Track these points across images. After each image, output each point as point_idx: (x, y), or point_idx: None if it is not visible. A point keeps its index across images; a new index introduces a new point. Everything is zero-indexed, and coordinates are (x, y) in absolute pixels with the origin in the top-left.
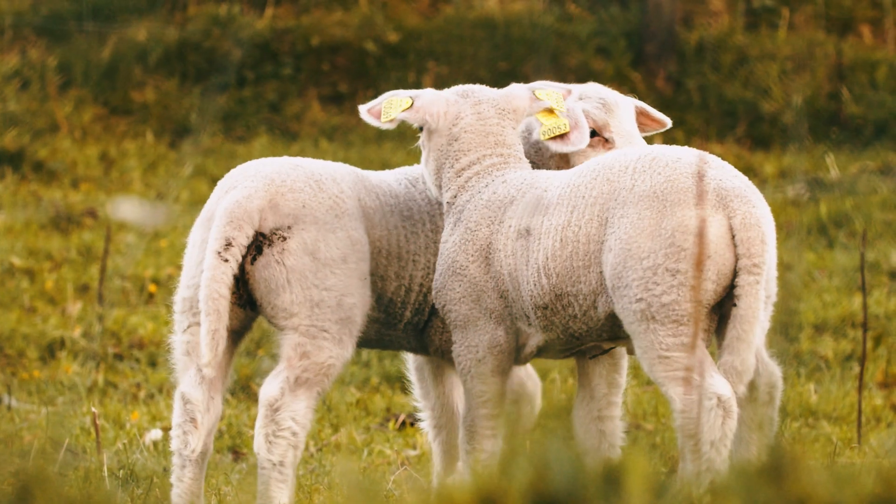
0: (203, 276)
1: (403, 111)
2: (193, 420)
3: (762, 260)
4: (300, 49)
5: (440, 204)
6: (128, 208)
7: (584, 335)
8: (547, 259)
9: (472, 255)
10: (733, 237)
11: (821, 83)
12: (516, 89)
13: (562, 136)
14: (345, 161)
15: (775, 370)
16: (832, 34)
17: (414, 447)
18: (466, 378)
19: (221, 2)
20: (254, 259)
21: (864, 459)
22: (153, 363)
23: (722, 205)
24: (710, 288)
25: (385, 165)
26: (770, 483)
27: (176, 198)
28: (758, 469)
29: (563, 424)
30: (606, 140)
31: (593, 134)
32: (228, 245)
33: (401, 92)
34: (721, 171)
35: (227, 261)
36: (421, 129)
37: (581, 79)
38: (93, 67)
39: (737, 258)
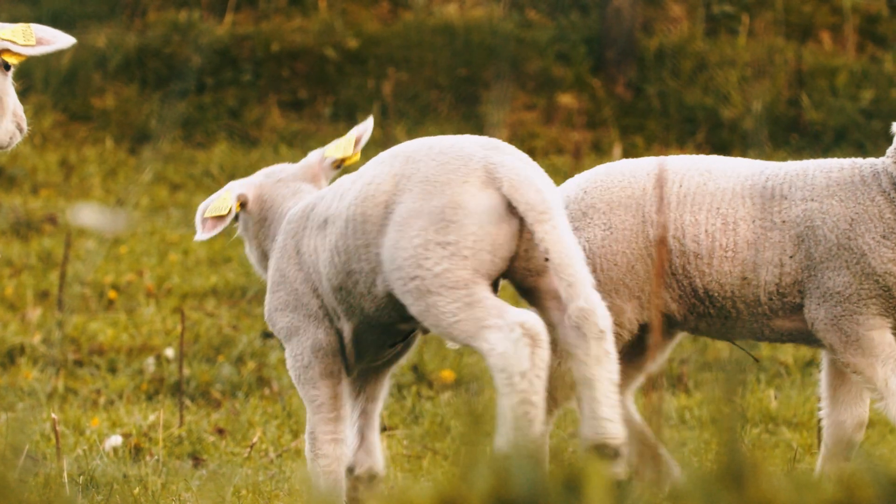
0: None
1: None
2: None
3: (546, 206)
4: (260, 55)
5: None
6: (88, 214)
7: (376, 315)
8: (337, 238)
9: (286, 259)
10: (510, 207)
11: (780, 89)
12: (311, 158)
13: None
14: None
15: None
16: (792, 40)
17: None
18: (299, 387)
19: (181, 8)
20: None
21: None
22: (113, 369)
23: (489, 179)
24: (487, 258)
25: (344, 172)
26: (730, 489)
27: (136, 204)
28: (718, 475)
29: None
30: None
31: None
32: None
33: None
34: (494, 153)
35: None
36: (236, 218)
37: (541, 85)
38: (52, 74)
39: (522, 222)
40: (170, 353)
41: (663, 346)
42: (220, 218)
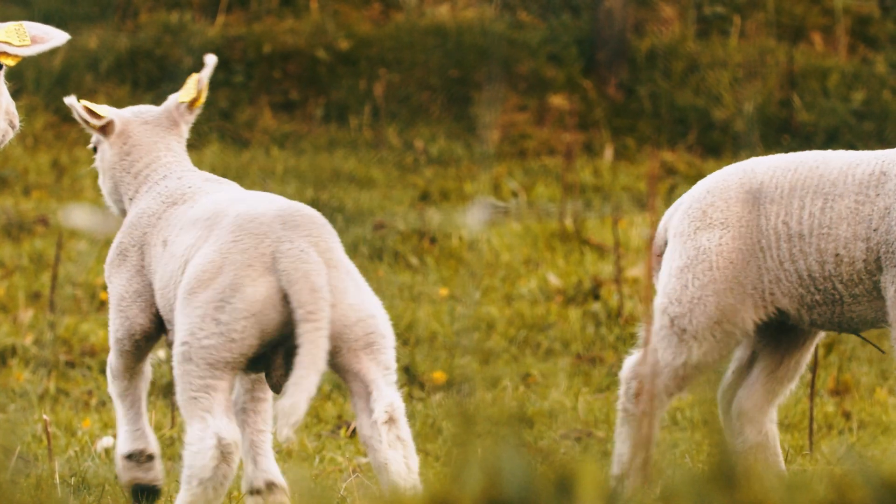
0: None
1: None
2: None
3: (316, 307)
4: (251, 56)
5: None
6: (79, 215)
7: None
8: (172, 275)
9: (135, 240)
10: (285, 297)
11: (772, 90)
12: (170, 103)
13: None
14: (295, 169)
15: (398, 402)
16: (783, 41)
17: (365, 454)
18: (111, 351)
19: (173, 9)
20: None
21: (816, 467)
22: (105, 370)
23: (273, 268)
24: (254, 343)
25: (336, 173)
26: (722, 490)
27: None
28: (709, 476)
29: (515, 432)
30: None
31: None
32: None
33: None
34: (288, 233)
35: None
36: (95, 149)
37: (532, 86)
38: (44, 75)
39: (291, 313)
40: (161, 354)
41: (798, 355)
42: (94, 115)
